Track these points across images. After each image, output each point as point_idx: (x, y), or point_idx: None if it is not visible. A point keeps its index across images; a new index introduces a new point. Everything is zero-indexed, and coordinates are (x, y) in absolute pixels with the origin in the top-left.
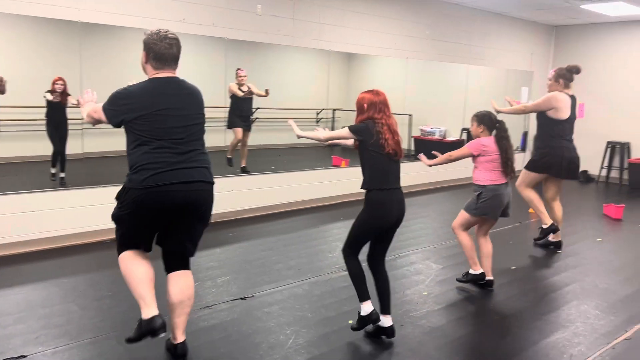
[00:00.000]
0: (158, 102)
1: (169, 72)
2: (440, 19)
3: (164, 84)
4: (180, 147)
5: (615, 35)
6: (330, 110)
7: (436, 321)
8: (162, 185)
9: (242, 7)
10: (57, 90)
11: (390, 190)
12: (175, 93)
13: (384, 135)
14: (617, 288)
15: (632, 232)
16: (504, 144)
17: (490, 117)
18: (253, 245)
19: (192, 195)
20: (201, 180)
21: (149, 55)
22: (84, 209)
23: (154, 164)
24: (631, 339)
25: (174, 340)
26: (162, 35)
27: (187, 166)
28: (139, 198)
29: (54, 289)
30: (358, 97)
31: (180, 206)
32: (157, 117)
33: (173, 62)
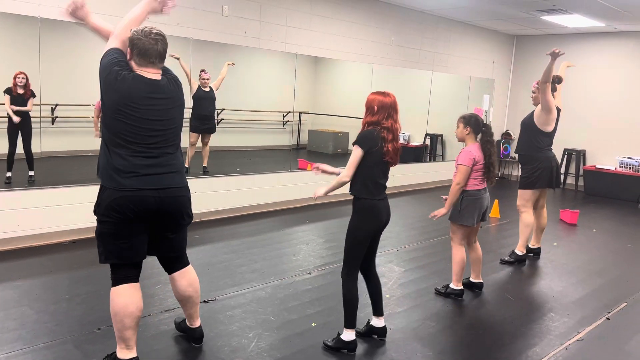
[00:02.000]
0: (137, 104)
1: (153, 70)
2: (406, 26)
3: (145, 85)
4: (153, 151)
5: (573, 46)
6: (297, 113)
7: (398, 323)
8: (135, 190)
9: (208, 8)
10: (19, 84)
11: (382, 200)
12: (156, 97)
13: (386, 143)
14: (570, 290)
15: (586, 236)
16: (488, 149)
17: (477, 119)
18: (216, 248)
19: (165, 201)
20: (172, 186)
21: (132, 51)
22: (41, 209)
23: (127, 168)
24: (583, 340)
25: (192, 325)
26: (147, 31)
27: (158, 172)
28: (115, 201)
29: (8, 292)
30: (368, 98)
31: (154, 212)
32: (133, 118)
33: (158, 58)
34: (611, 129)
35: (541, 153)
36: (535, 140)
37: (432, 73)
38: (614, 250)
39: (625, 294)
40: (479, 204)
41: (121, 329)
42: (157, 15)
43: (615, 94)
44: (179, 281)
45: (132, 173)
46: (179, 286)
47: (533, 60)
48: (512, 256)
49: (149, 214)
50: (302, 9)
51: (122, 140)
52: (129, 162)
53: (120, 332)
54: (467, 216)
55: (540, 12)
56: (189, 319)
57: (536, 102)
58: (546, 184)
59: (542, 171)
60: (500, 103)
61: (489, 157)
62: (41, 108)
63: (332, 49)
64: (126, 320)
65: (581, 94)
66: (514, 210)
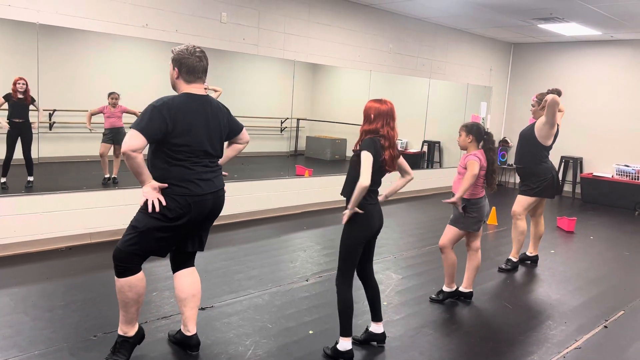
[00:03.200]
0: (196, 118)
1: (199, 85)
2: (404, 34)
3: (198, 101)
4: (210, 160)
5: (570, 54)
6: (295, 119)
7: (395, 331)
8: (201, 195)
9: (207, 15)
10: (19, 90)
11: (374, 205)
12: (210, 111)
13: (385, 151)
14: (568, 298)
15: (584, 244)
16: (491, 156)
17: (479, 127)
18: (214, 255)
19: (218, 201)
20: (223, 187)
21: (180, 70)
22: (37, 216)
23: (193, 176)
24: (581, 348)
25: (188, 332)
26: (192, 50)
27: (213, 177)
28: (188, 207)
29: (4, 298)
30: (365, 106)
31: (210, 212)
32: (194, 132)
33: (203, 74)
34: (608, 137)
35: (542, 165)
36: (536, 153)
37: (429, 80)
38: (611, 258)
39: (622, 302)
40: (482, 211)
41: (138, 308)
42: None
43: (612, 102)
44: (186, 278)
45: (199, 181)
46: (185, 284)
47: (530, 68)
48: (508, 264)
49: (206, 214)
50: (301, 16)
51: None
52: (193, 170)
53: (135, 314)
54: (470, 223)
55: (538, 21)
56: (186, 324)
57: (535, 115)
58: (549, 194)
59: (545, 182)
60: (497, 110)
61: (492, 164)
62: (39, 114)
63: (330, 56)
64: (141, 299)
65: (578, 102)
66: (511, 218)
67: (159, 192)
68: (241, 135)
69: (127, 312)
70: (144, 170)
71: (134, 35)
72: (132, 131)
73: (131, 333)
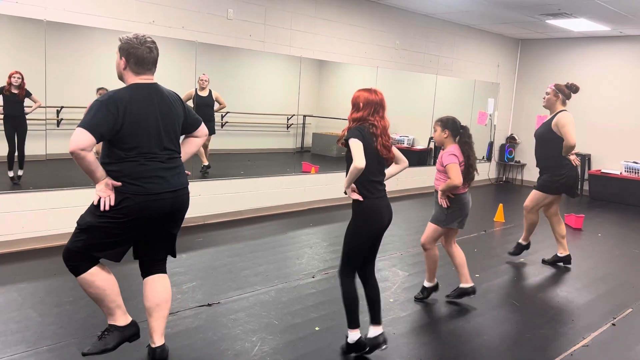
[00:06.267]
0: (144, 109)
1: (148, 76)
2: (410, 30)
3: (147, 90)
4: (169, 155)
5: (578, 50)
6: (301, 116)
7: (402, 328)
8: (157, 194)
9: (213, 11)
10: (14, 83)
11: (381, 198)
12: (159, 101)
13: (377, 139)
14: (575, 296)
15: (591, 241)
16: (466, 150)
17: (454, 121)
18: (220, 251)
19: (178, 201)
20: (185, 185)
21: (128, 60)
22: (45, 212)
23: (148, 173)
24: (589, 346)
25: (153, 343)
26: (142, 40)
27: (172, 174)
28: (139, 206)
29: (12, 294)
30: (354, 95)
31: (167, 214)
32: (145, 125)
33: (153, 66)
34: (616, 134)
35: (564, 160)
36: (557, 149)
37: (436, 77)
38: (620, 255)
39: (630, 300)
40: (465, 207)
41: (115, 298)
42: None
43: (620, 99)
44: (154, 284)
45: (154, 178)
46: (150, 291)
47: (538, 64)
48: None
49: (164, 215)
50: (307, 12)
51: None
52: (147, 166)
53: (114, 302)
54: (451, 220)
55: (546, 16)
56: (151, 335)
57: (548, 104)
58: (571, 192)
59: (567, 179)
60: (504, 107)
61: (467, 158)
62: (46, 110)
63: (337, 53)
64: (115, 289)
65: (586, 98)
66: (518, 215)
67: (111, 189)
68: (200, 128)
69: (101, 306)
70: (96, 168)
71: (140, 32)
72: (78, 129)
73: (119, 323)
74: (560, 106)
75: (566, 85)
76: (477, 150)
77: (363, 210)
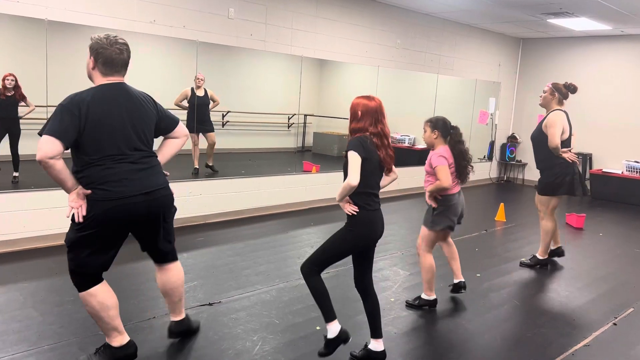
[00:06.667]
0: (109, 110)
1: (117, 78)
2: (411, 29)
3: (113, 90)
4: (141, 156)
5: (579, 49)
6: (302, 115)
7: (403, 327)
8: (127, 197)
9: (214, 10)
10: (7, 86)
11: (378, 210)
12: (126, 100)
13: (380, 150)
14: (576, 295)
15: (592, 240)
16: (459, 149)
17: (444, 122)
18: (221, 251)
19: (155, 203)
20: (162, 186)
21: (97, 60)
22: (46, 211)
23: (116, 176)
24: (590, 345)
25: (178, 317)
26: (112, 40)
27: (143, 175)
28: (107, 212)
29: (14, 293)
30: (352, 103)
31: (144, 216)
32: (109, 124)
33: (123, 68)
34: (618, 133)
35: (560, 159)
36: (549, 151)
37: (437, 76)
38: (621, 254)
39: (632, 299)
40: (454, 208)
41: (109, 321)
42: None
43: (622, 98)
44: (166, 272)
45: (124, 181)
46: (162, 278)
47: (539, 64)
48: (532, 260)
49: (139, 219)
50: (308, 12)
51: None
52: (114, 169)
53: (109, 324)
54: (439, 222)
55: (547, 15)
56: (173, 313)
57: (544, 102)
58: (571, 191)
59: (564, 177)
60: (506, 106)
61: (462, 157)
62: (47, 110)
63: (338, 52)
64: (112, 312)
65: (588, 98)
66: (520, 214)
67: (83, 198)
68: (178, 129)
69: (98, 323)
70: (67, 177)
71: (141, 31)
72: (44, 137)
73: (114, 344)
74: (555, 105)
75: (564, 84)
76: (479, 149)
77: (358, 221)
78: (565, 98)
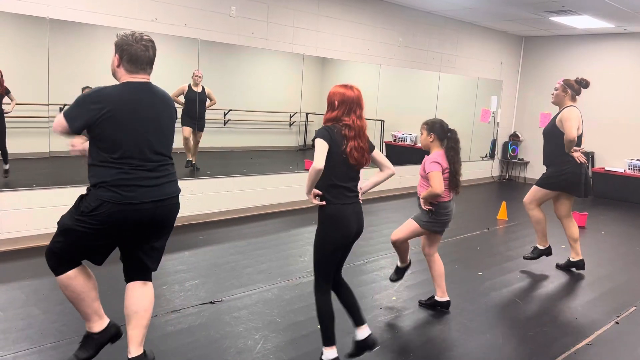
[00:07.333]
0: (134, 110)
1: (143, 76)
2: (413, 27)
3: (139, 90)
4: (152, 161)
5: (582, 47)
6: (304, 114)
7: (405, 325)
8: (136, 204)
9: (216, 9)
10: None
11: (349, 205)
12: (150, 101)
13: (349, 142)
14: (579, 294)
15: (595, 239)
16: (452, 156)
17: (441, 125)
18: (223, 249)
19: (162, 211)
20: (172, 195)
21: (122, 57)
22: (48, 209)
23: (130, 182)
24: (592, 344)
25: (129, 353)
26: (138, 37)
27: (158, 183)
28: (112, 215)
29: (16, 291)
30: (330, 92)
31: (150, 223)
32: (132, 127)
33: (148, 65)
34: (620, 131)
35: (569, 156)
36: (559, 144)
37: (439, 74)
38: (623, 253)
39: (634, 298)
40: (448, 215)
41: (91, 303)
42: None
43: (624, 96)
44: (137, 290)
45: (135, 186)
46: (133, 297)
47: (542, 62)
48: (534, 252)
49: (145, 224)
50: (310, 10)
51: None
52: (131, 175)
53: (90, 308)
54: (432, 225)
55: (549, 13)
56: (129, 343)
57: (556, 100)
58: (575, 191)
59: (571, 176)
60: (508, 104)
61: (453, 164)
62: (49, 108)
63: (340, 50)
64: (92, 293)
65: (590, 96)
66: (521, 212)
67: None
68: None
69: (77, 309)
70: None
71: (143, 30)
72: (60, 115)
73: (95, 329)
74: (568, 102)
75: (576, 80)
76: (480, 148)
77: (327, 216)
78: (578, 94)
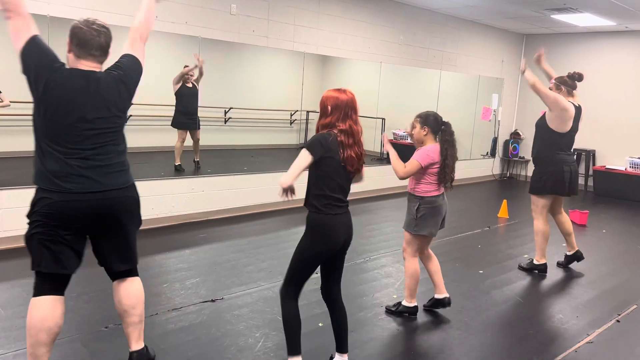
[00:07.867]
0: (73, 100)
1: (93, 63)
2: (414, 25)
3: (83, 80)
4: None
5: (583, 45)
6: (305, 112)
7: (405, 323)
8: (78, 193)
9: (217, 7)
10: None
11: (340, 215)
12: (96, 90)
13: (346, 149)
14: (579, 292)
15: (596, 237)
16: (445, 149)
17: (435, 117)
18: (223, 247)
19: (110, 202)
20: (116, 188)
21: (72, 41)
22: None
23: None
24: (593, 343)
25: (129, 348)
26: (90, 21)
27: (103, 172)
28: (52, 206)
29: (17, 290)
30: (322, 96)
31: (98, 216)
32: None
33: (98, 51)
34: (621, 129)
35: (554, 155)
36: (548, 142)
37: (440, 72)
38: (624, 251)
39: (635, 296)
40: (437, 211)
41: (34, 344)
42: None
43: (626, 94)
44: (122, 288)
45: (70, 177)
46: (119, 294)
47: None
48: (528, 264)
49: (87, 219)
50: (311, 7)
51: (57, 140)
52: (66, 164)
53: (33, 348)
54: (423, 225)
55: (551, 11)
56: (128, 339)
57: None
58: (557, 189)
59: (550, 175)
60: (509, 102)
61: (445, 157)
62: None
63: (340, 48)
64: (41, 336)
65: (591, 94)
66: (522, 211)
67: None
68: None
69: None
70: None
71: None
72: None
73: None
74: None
75: (568, 75)
76: (481, 146)
77: (316, 225)
78: (573, 88)
